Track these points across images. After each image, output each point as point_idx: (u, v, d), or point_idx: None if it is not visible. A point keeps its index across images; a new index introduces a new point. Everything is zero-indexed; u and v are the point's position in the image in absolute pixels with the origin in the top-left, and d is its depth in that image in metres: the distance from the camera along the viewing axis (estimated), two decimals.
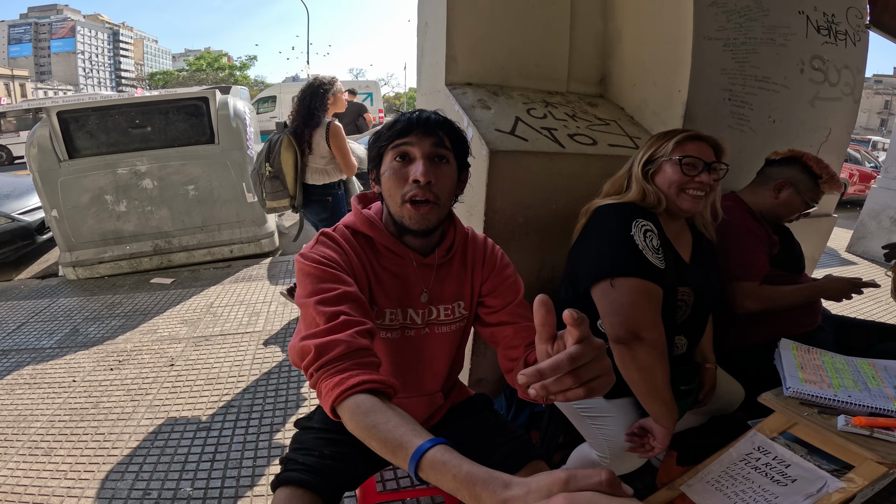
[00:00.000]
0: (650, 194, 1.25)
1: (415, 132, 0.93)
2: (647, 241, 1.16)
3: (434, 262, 1.04)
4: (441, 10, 1.75)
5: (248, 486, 1.71)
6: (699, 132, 1.27)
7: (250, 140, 4.14)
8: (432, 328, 1.07)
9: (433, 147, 0.93)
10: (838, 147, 2.14)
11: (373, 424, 0.66)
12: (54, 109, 3.60)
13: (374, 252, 1.02)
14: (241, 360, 2.59)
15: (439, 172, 0.93)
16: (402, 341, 1.07)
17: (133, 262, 4.06)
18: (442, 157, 0.95)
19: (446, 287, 1.07)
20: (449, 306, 1.07)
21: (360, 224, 1.01)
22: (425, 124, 0.93)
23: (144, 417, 2.11)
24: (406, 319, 1.05)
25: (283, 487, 0.98)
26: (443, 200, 0.95)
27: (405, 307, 1.04)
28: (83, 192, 3.81)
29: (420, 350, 1.09)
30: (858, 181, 8.26)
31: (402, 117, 0.96)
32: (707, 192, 1.23)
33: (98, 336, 2.91)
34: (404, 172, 0.93)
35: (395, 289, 1.03)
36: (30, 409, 2.21)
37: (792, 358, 1.22)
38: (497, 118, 1.64)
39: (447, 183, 0.96)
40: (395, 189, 0.94)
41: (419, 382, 1.13)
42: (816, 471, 0.99)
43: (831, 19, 1.95)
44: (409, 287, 1.04)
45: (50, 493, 1.70)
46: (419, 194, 0.92)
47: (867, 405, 1.04)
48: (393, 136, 0.94)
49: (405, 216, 0.94)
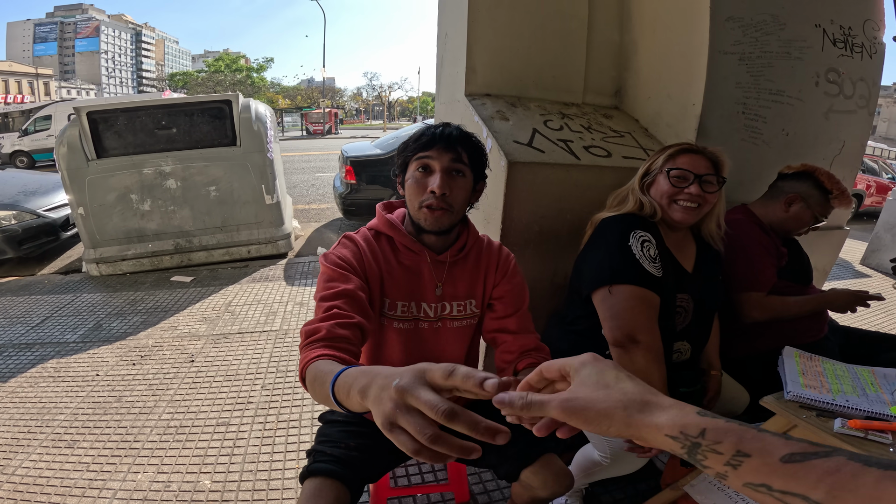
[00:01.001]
0: (646, 205, 1.31)
1: (436, 147, 1.04)
2: (644, 250, 1.22)
3: (447, 260, 1.14)
4: (462, 22, 1.80)
5: (264, 480, 1.77)
6: (696, 146, 1.30)
7: (271, 143, 4.24)
8: (444, 322, 1.16)
9: (451, 162, 1.05)
10: (852, 159, 2.16)
11: (317, 377, 0.73)
12: (84, 109, 3.72)
13: (393, 250, 1.14)
14: (259, 357, 2.66)
15: (454, 184, 1.05)
16: (416, 333, 1.15)
17: (154, 259, 4.17)
18: (459, 171, 1.06)
19: (459, 284, 1.16)
20: (461, 303, 1.16)
21: (382, 226, 1.15)
22: (447, 140, 1.05)
23: (165, 412, 2.19)
24: (419, 312, 1.15)
25: (312, 478, 1.04)
26: (456, 208, 1.07)
27: (418, 301, 1.15)
28: (109, 191, 3.93)
29: (432, 342, 1.17)
30: (875, 192, 8.13)
31: (427, 131, 1.07)
32: (700, 203, 1.26)
33: (120, 331, 3.01)
34: (424, 182, 1.05)
35: (408, 283, 1.13)
36: (53, 401, 2.29)
37: (794, 364, 1.26)
38: (515, 130, 1.69)
39: (461, 194, 1.08)
40: (415, 196, 1.07)
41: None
42: None
43: (847, 32, 1.97)
44: (424, 281, 1.14)
45: (72, 485, 1.75)
46: (434, 203, 1.04)
47: (864, 409, 1.08)
48: (417, 149, 1.06)
49: (421, 218, 1.07)
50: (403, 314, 1.14)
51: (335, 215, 6.46)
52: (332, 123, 29.36)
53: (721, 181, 1.28)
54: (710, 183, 1.26)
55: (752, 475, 0.35)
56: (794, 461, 0.33)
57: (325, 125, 28.80)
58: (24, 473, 1.81)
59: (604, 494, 1.68)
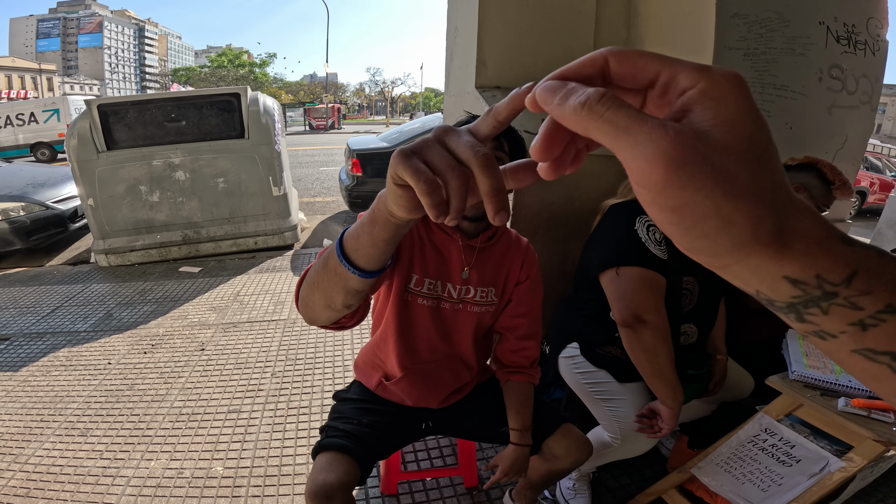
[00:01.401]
0: None
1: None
2: (650, 234, 1.27)
3: (477, 245, 1.17)
4: (472, 16, 1.84)
5: (276, 465, 1.81)
6: None
7: (278, 136, 4.28)
8: (465, 305, 1.20)
9: (493, 150, 1.06)
10: (854, 154, 2.19)
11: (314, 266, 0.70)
12: (95, 103, 3.76)
13: (426, 229, 1.17)
14: (269, 346, 2.71)
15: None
16: (438, 311, 1.19)
17: (163, 250, 4.22)
18: (500, 159, 1.06)
19: (485, 271, 1.19)
20: (484, 290, 1.20)
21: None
22: None
23: (177, 399, 2.23)
24: (443, 292, 1.18)
25: (324, 452, 1.09)
26: None
27: (444, 281, 1.18)
28: (119, 183, 3.97)
29: (452, 321, 1.21)
30: (879, 190, 8.12)
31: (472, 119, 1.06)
32: None
33: (131, 321, 3.06)
34: None
35: (437, 262, 1.17)
36: (66, 390, 2.32)
37: (798, 346, 1.30)
38: (525, 120, 1.73)
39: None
40: None
41: (449, 351, 1.24)
42: (819, 451, 1.06)
43: (851, 29, 2.00)
44: (452, 263, 1.17)
45: (86, 472, 1.78)
46: None
47: (866, 388, 1.12)
48: None
49: None
50: (429, 291, 1.17)
51: (340, 208, 6.50)
52: (335, 119, 29.40)
53: None
54: None
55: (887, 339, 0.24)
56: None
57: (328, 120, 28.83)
58: (38, 462, 1.84)
59: (610, 480, 1.73)
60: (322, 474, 1.02)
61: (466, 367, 1.28)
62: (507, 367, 1.27)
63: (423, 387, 1.24)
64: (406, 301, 1.17)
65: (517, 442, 1.20)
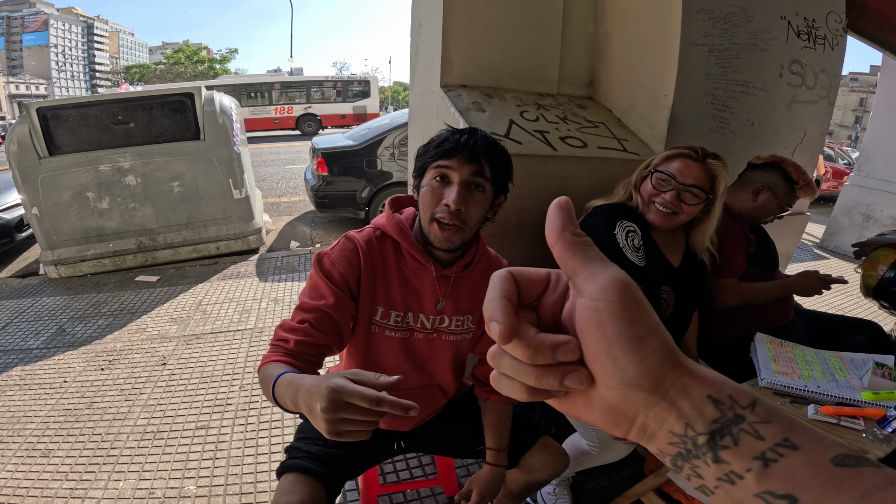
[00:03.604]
0: (635, 198, 1.33)
1: (458, 156, 0.98)
2: (628, 240, 1.25)
3: (452, 274, 1.09)
4: (437, 12, 1.78)
5: (251, 483, 1.74)
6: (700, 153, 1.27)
7: (237, 136, 4.11)
8: (440, 335, 1.14)
9: (471, 175, 0.98)
10: (813, 148, 2.25)
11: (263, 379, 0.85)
12: (34, 106, 3.52)
13: (397, 256, 1.08)
14: (236, 357, 2.60)
15: (471, 199, 0.99)
16: (409, 342, 1.13)
17: (116, 259, 4.00)
18: (478, 185, 1.00)
19: (461, 300, 1.13)
20: (460, 318, 1.14)
21: (390, 228, 1.07)
22: (470, 150, 0.98)
23: (141, 417, 2.12)
24: (415, 323, 1.11)
25: (288, 474, 1.05)
26: (469, 225, 1.01)
27: (416, 312, 1.10)
28: (64, 190, 3.73)
29: (427, 351, 1.15)
30: (832, 177, 8.53)
31: (451, 137, 1.01)
32: (675, 211, 1.25)
33: (85, 336, 2.88)
34: (440, 193, 0.99)
35: (407, 294, 1.09)
36: (22, 410, 2.19)
37: (766, 351, 1.31)
38: (492, 121, 1.69)
39: (477, 210, 1.01)
40: (429, 206, 1.00)
41: (425, 381, 1.19)
42: None
43: (811, 24, 2.04)
44: (424, 293, 1.09)
45: (53, 494, 1.70)
46: (447, 218, 0.97)
47: (835, 395, 1.14)
48: (437, 156, 0.99)
49: (431, 233, 1.01)
50: (396, 324, 1.10)
51: (307, 208, 6.34)
52: None
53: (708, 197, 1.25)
54: (692, 195, 1.23)
55: (784, 479, 0.25)
56: (847, 465, 0.24)
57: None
58: (3, 484, 1.75)
59: (589, 482, 1.73)
60: (285, 496, 0.99)
61: (443, 394, 1.24)
62: (486, 387, 1.22)
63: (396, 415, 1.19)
64: (372, 333, 1.10)
65: (493, 462, 1.16)
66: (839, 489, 0.24)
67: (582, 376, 0.28)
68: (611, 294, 0.28)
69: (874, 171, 4.73)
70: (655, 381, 0.27)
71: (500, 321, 0.29)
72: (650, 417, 0.28)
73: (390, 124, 5.08)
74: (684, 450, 0.28)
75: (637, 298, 0.28)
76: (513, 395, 0.31)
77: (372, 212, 4.98)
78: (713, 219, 1.31)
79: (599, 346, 0.28)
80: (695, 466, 0.27)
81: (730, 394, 0.27)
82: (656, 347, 0.27)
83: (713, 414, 0.27)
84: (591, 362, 0.29)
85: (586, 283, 0.29)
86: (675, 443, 0.28)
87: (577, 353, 0.29)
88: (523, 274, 0.33)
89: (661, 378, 0.28)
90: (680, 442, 0.28)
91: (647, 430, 0.29)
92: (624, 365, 0.27)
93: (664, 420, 0.28)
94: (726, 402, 0.27)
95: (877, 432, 1.05)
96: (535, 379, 0.29)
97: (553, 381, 0.29)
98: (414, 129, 2.24)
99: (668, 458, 0.29)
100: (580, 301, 0.29)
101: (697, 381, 0.28)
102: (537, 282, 0.33)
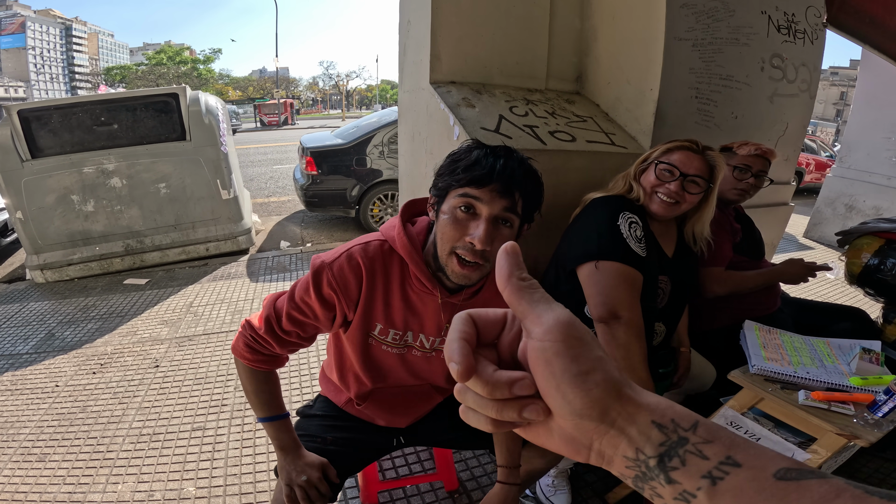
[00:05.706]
0: (635, 190, 1.35)
1: (491, 186, 0.87)
2: (631, 231, 1.27)
3: (458, 302, 1.03)
4: (426, 9, 1.79)
5: (250, 483, 1.74)
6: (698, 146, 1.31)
7: (224, 136, 4.07)
8: (438, 353, 1.13)
9: (502, 210, 0.88)
10: (795, 140, 2.29)
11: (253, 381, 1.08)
12: (15, 108, 3.46)
13: (403, 275, 1.01)
14: (229, 358, 2.58)
15: (497, 235, 0.89)
16: (407, 357, 1.12)
17: (104, 263, 3.95)
18: (507, 220, 0.90)
19: None
20: None
21: (400, 247, 0.98)
22: (506, 182, 0.87)
23: (136, 420, 2.10)
24: (415, 341, 1.09)
25: None
26: (492, 262, 0.91)
27: (416, 332, 1.07)
28: (48, 193, 3.68)
29: (424, 365, 1.15)
30: (815, 170, 8.68)
31: (484, 160, 0.89)
32: (678, 201, 1.29)
33: (75, 340, 2.85)
34: (464, 226, 0.89)
35: (408, 315, 1.05)
36: (15, 415, 2.16)
37: (755, 338, 1.34)
38: (482, 116, 1.70)
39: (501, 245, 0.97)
40: (449, 238, 0.90)
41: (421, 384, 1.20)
42: (784, 443, 1.10)
43: (791, 18, 2.08)
44: (426, 317, 1.05)
45: (52, 498, 1.69)
46: (469, 256, 0.89)
47: (824, 381, 1.17)
48: (467, 182, 0.88)
49: (449, 266, 0.92)
50: (394, 341, 1.07)
51: (296, 208, 6.31)
52: (287, 114, 28.53)
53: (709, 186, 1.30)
54: (695, 184, 1.28)
55: (733, 496, 0.26)
56: (790, 478, 0.25)
57: (280, 116, 27.97)
58: (1, 490, 1.73)
59: (588, 473, 1.75)
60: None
61: (440, 393, 1.24)
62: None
63: (394, 411, 1.20)
64: (369, 344, 1.09)
65: (505, 480, 1.09)
66: (786, 503, 0.25)
67: (538, 409, 0.31)
68: (554, 335, 0.30)
69: (856, 163, 4.82)
70: (602, 411, 0.30)
71: (458, 361, 0.32)
72: (604, 444, 0.31)
73: (379, 122, 5.07)
74: (640, 472, 0.30)
75: (579, 336, 0.31)
76: (479, 426, 0.33)
77: (362, 210, 4.97)
78: (710, 208, 1.36)
79: (549, 382, 0.30)
80: (653, 487, 0.29)
81: (672, 418, 0.30)
82: (599, 381, 0.30)
83: (659, 438, 0.29)
84: (544, 396, 0.31)
85: (533, 325, 0.31)
86: (630, 466, 0.30)
87: (531, 388, 0.31)
88: (481, 315, 0.36)
89: (607, 408, 0.30)
90: (634, 465, 0.30)
91: (604, 456, 0.31)
92: (571, 399, 0.30)
93: (617, 446, 0.30)
94: (669, 425, 0.30)
95: (867, 417, 1.07)
96: (497, 412, 0.32)
97: (513, 413, 0.31)
98: (403, 126, 2.24)
99: (629, 481, 0.31)
100: (530, 342, 0.32)
101: (641, 408, 0.30)
102: (495, 322, 0.36)
